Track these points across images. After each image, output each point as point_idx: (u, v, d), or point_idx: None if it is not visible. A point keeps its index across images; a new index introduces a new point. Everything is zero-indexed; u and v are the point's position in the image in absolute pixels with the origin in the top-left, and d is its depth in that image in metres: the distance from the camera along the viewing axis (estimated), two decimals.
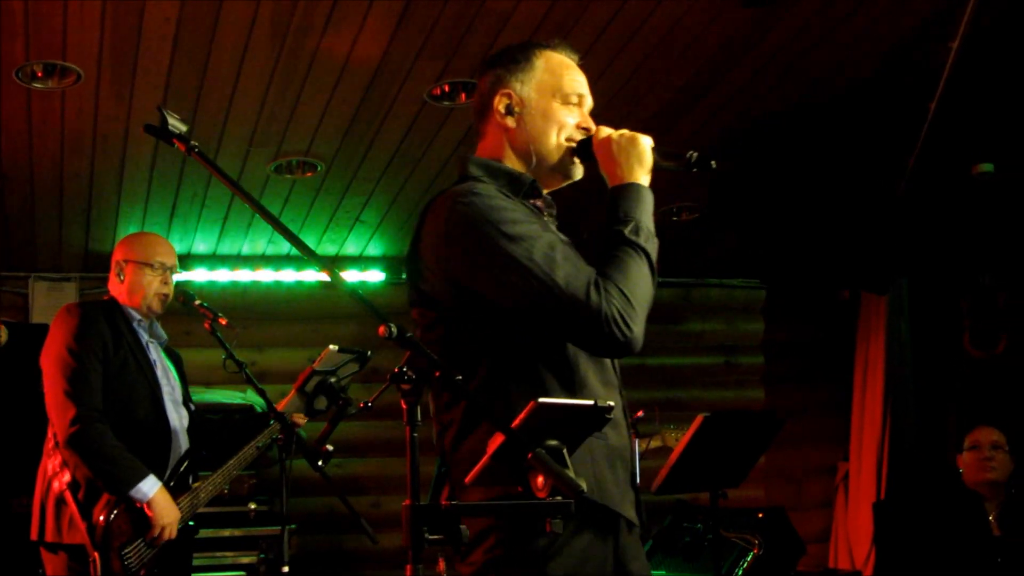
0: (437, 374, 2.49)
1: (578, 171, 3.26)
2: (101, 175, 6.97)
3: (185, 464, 5.43)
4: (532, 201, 3.19)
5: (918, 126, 6.27)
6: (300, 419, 5.42)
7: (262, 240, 8.51)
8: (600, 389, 2.99)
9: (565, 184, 3.29)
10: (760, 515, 7.36)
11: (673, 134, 6.73)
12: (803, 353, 9.94)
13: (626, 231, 3.02)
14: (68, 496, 5.15)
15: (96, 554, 5.01)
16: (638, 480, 3.20)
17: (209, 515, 6.77)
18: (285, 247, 8.77)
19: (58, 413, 5.19)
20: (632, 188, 3.11)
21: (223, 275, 8.84)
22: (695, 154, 3.12)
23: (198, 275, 8.73)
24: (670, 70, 5.94)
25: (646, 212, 3.09)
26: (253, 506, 7.16)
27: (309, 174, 7.12)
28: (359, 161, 7.00)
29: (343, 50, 5.57)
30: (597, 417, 2.63)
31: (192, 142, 2.69)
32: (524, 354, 2.92)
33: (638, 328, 2.91)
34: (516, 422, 2.51)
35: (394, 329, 2.46)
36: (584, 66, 3.33)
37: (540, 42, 3.33)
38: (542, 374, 2.93)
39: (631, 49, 5.67)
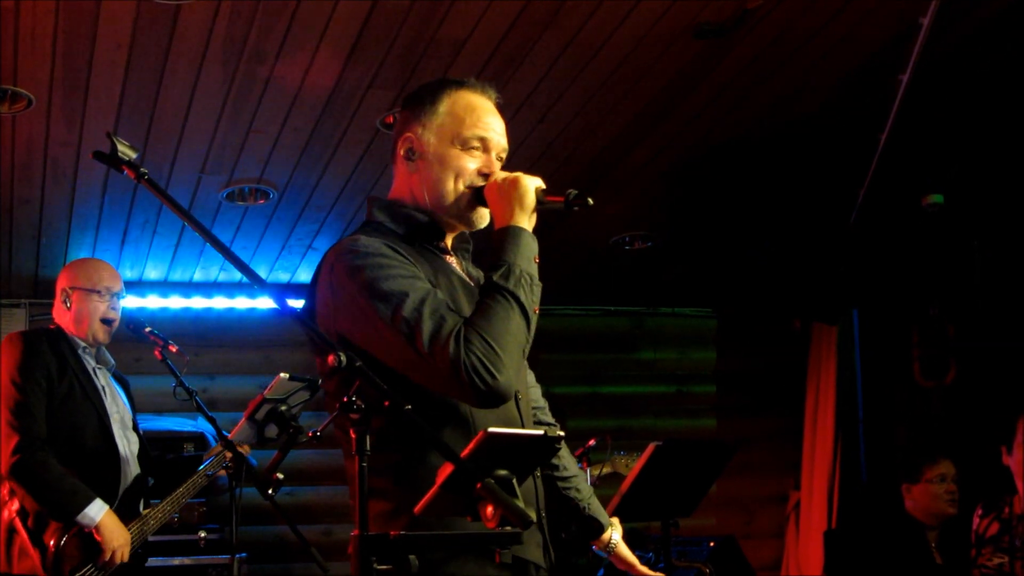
0: (386, 404, 2.49)
1: (480, 218, 3.19)
2: (51, 201, 6.93)
3: (135, 491, 5.40)
4: (438, 243, 3.19)
5: (869, 157, 6.31)
6: (245, 449, 5.39)
7: (214, 267, 8.48)
8: None
9: (470, 231, 3.25)
10: (712, 544, 7.37)
11: (626, 163, 6.75)
12: (755, 382, 9.96)
13: (495, 276, 2.93)
14: (18, 523, 5.12)
15: None
16: (543, 517, 3.17)
17: (159, 543, 6.72)
18: (237, 274, 8.74)
19: (1, 443, 5.16)
20: (508, 231, 3.01)
21: (175, 302, 8.80)
22: (573, 192, 3.04)
23: (149, 302, 8.68)
24: (623, 100, 5.96)
25: (522, 255, 2.98)
26: (203, 534, 7.12)
27: (262, 201, 7.10)
28: (312, 188, 6.99)
29: (296, 78, 5.57)
30: (547, 447, 2.63)
31: (142, 169, 2.67)
32: (418, 405, 2.79)
33: (503, 376, 2.81)
34: (466, 452, 2.51)
35: (343, 358, 2.47)
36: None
37: (454, 80, 3.27)
38: (438, 423, 2.90)
39: (584, 78, 5.69)
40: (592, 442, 7.15)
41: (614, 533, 3.67)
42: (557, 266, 8.59)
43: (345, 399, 2.47)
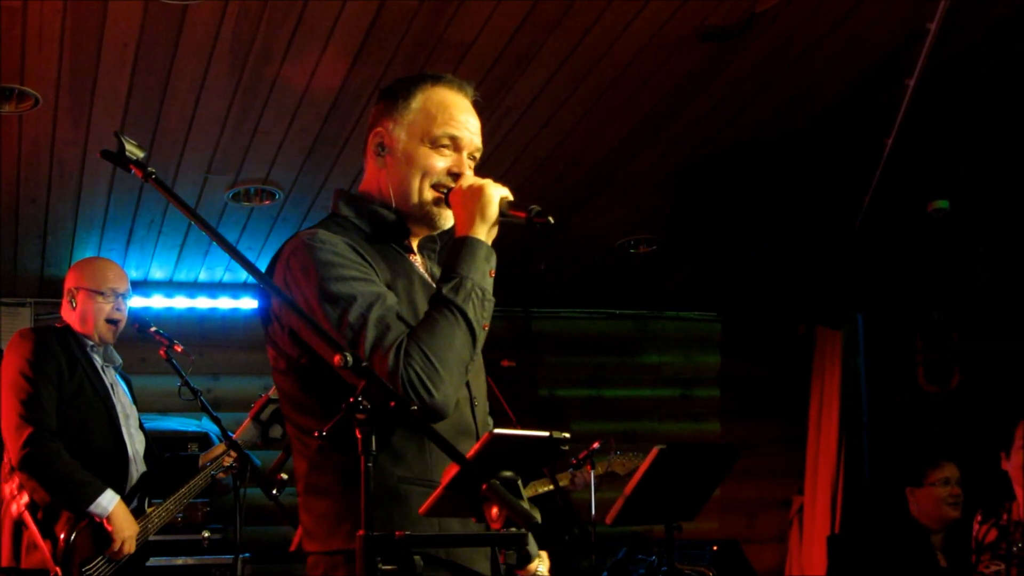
0: (392, 404, 2.48)
1: (444, 221, 3.11)
2: (57, 200, 6.94)
3: (140, 489, 5.41)
4: (404, 241, 3.13)
5: (874, 162, 6.31)
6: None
7: (219, 267, 8.48)
8: (453, 439, 2.68)
9: (436, 232, 3.18)
10: (715, 548, 7.36)
11: (632, 166, 6.75)
12: (759, 386, 9.95)
13: (445, 289, 2.86)
14: (27, 517, 5.13)
15: (58, 569, 5.00)
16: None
17: (163, 543, 6.72)
18: (243, 274, 8.74)
19: (12, 436, 5.18)
20: (465, 242, 2.93)
21: (180, 302, 8.80)
22: (536, 208, 2.96)
23: (155, 302, 8.68)
24: (629, 102, 5.96)
25: (476, 268, 2.90)
26: (207, 534, 7.12)
27: (267, 202, 7.10)
28: (318, 189, 6.99)
29: (302, 78, 5.57)
30: (552, 448, 2.62)
31: (149, 168, 2.66)
32: None
33: (441, 393, 2.74)
34: (471, 452, 2.50)
35: (350, 358, 2.46)
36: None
37: (430, 75, 3.19)
38: (390, 428, 2.81)
39: (591, 81, 5.69)
40: (596, 445, 7.14)
41: (540, 565, 3.52)
42: (562, 269, 8.59)
43: (351, 399, 2.46)
